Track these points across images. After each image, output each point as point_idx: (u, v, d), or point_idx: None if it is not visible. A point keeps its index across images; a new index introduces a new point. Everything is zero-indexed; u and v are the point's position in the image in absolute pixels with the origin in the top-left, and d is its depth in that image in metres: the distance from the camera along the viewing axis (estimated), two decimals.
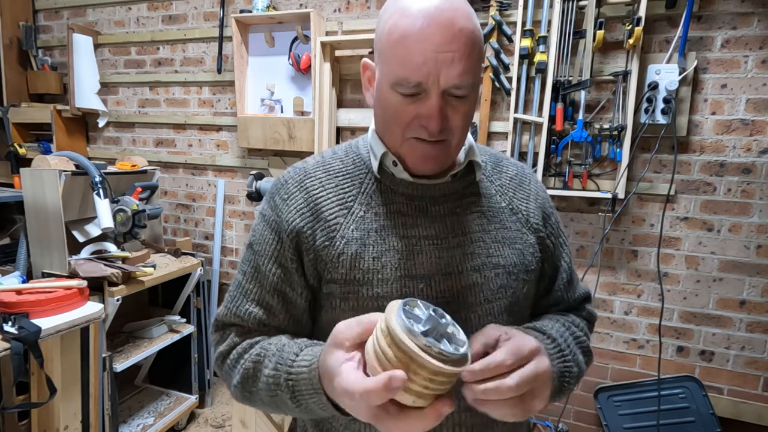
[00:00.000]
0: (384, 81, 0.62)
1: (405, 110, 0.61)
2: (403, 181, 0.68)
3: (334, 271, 0.65)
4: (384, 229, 0.66)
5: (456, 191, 0.70)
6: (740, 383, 1.90)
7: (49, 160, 1.86)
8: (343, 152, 0.74)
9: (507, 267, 0.67)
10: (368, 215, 0.67)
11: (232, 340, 0.69)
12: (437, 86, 0.58)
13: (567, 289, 0.77)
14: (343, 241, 0.65)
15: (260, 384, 0.64)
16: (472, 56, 0.58)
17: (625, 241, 1.99)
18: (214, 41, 2.54)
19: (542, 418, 2.12)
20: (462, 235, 0.67)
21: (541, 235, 0.74)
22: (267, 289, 0.68)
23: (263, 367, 0.63)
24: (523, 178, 0.78)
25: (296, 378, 0.58)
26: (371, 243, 0.65)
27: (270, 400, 0.63)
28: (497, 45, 1.98)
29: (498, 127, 2.09)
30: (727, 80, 1.79)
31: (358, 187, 0.69)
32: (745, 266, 1.84)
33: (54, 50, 2.97)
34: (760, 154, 1.78)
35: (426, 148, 0.62)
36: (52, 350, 1.53)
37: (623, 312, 2.03)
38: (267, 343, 0.66)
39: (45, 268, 1.87)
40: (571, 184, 1.96)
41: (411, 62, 0.57)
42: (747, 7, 1.73)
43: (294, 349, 0.62)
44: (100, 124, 2.88)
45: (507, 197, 0.74)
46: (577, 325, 0.73)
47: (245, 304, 0.69)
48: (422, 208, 0.68)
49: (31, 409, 1.57)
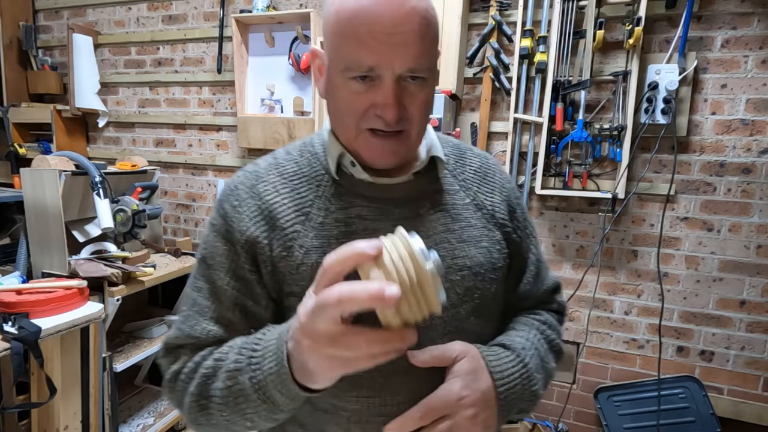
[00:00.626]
0: (334, 68, 0.57)
1: (358, 99, 0.56)
2: (362, 182, 0.63)
3: (294, 283, 0.60)
4: (345, 236, 0.61)
5: (419, 190, 0.65)
6: (740, 383, 1.90)
7: (49, 160, 1.85)
8: (298, 152, 0.69)
9: (473, 268, 0.63)
10: (328, 221, 0.62)
11: (187, 357, 0.62)
12: (391, 71, 0.54)
13: (535, 282, 0.74)
14: (303, 251, 0.60)
15: (219, 382, 0.56)
16: (427, 37, 0.55)
17: (625, 241, 1.99)
18: (214, 41, 2.54)
19: (542, 418, 2.12)
20: (426, 238, 0.62)
21: (507, 230, 0.69)
22: (226, 305, 0.62)
23: (225, 361, 0.57)
24: (487, 170, 0.73)
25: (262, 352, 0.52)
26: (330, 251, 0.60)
27: (229, 401, 0.55)
28: (497, 45, 1.98)
29: (498, 127, 2.09)
30: (727, 80, 1.79)
31: (315, 190, 0.64)
32: (745, 266, 1.84)
33: (54, 50, 2.97)
34: (760, 154, 1.78)
35: (383, 140, 0.58)
36: (52, 350, 1.53)
37: (623, 312, 2.03)
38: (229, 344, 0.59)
39: (45, 268, 1.87)
40: (571, 184, 1.96)
41: (362, 45, 0.53)
42: (747, 7, 1.73)
43: (261, 332, 0.56)
44: (100, 124, 2.87)
45: (471, 192, 0.69)
46: (549, 324, 0.73)
47: (201, 322, 0.62)
48: (385, 212, 0.63)
49: (31, 409, 1.57)
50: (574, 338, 2.11)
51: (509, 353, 0.62)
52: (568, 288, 2.08)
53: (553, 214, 2.08)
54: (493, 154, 2.13)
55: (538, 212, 2.09)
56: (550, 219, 2.08)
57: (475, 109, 2.13)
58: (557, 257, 2.10)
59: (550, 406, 2.16)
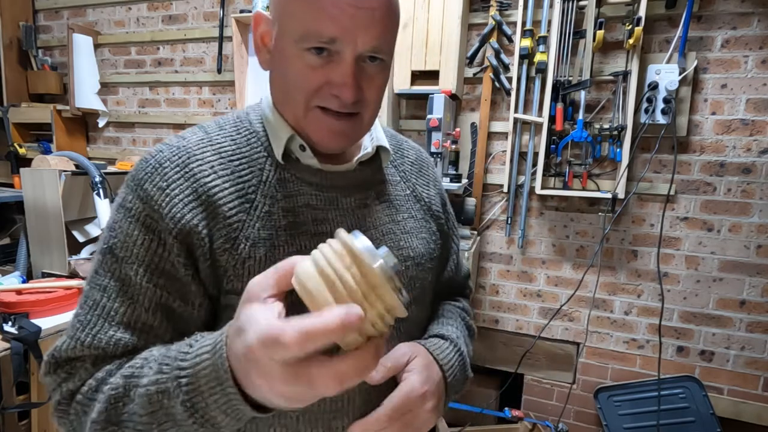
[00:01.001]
0: (287, 38, 0.52)
1: (312, 74, 0.52)
2: (309, 169, 0.59)
3: (237, 279, 0.53)
4: (294, 226, 0.56)
5: (365, 180, 0.63)
6: (740, 383, 1.90)
7: (49, 160, 1.86)
8: (233, 128, 0.60)
9: (416, 258, 0.64)
10: (275, 210, 0.56)
11: (85, 372, 0.51)
12: (353, 48, 0.51)
13: (456, 270, 0.80)
14: (249, 243, 0.54)
15: (134, 404, 0.46)
16: (391, 19, 0.53)
17: (625, 241, 1.99)
18: (214, 41, 2.54)
19: (542, 418, 2.12)
20: (373, 229, 0.61)
21: (441, 222, 0.72)
22: (144, 306, 0.52)
23: (140, 378, 0.46)
24: (423, 164, 0.74)
25: (194, 370, 0.42)
26: (281, 244, 0.55)
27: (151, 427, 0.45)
28: (497, 45, 1.98)
29: (498, 127, 2.09)
30: (727, 80, 1.79)
31: (258, 174, 0.57)
32: (745, 266, 1.84)
33: (54, 50, 2.97)
34: (760, 154, 1.78)
35: (334, 121, 0.54)
36: None
37: (623, 312, 2.03)
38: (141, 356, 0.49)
39: (45, 268, 1.87)
40: (571, 184, 1.96)
41: (324, 13, 0.49)
42: (747, 7, 1.73)
43: (185, 343, 0.45)
44: (100, 124, 2.87)
45: (410, 184, 0.70)
46: (467, 311, 0.78)
47: (107, 329, 0.51)
48: (332, 200, 0.60)
49: (31, 409, 1.57)
50: (574, 338, 2.12)
51: (448, 343, 0.64)
52: (568, 288, 2.08)
53: (553, 214, 2.08)
54: (493, 154, 2.13)
55: (538, 212, 2.09)
56: (550, 219, 2.08)
57: (475, 109, 2.13)
58: (557, 257, 2.10)
59: (550, 406, 2.16)
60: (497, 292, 2.21)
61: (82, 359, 0.52)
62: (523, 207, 2.06)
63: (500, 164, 2.12)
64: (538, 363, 2.17)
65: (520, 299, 2.18)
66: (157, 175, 0.53)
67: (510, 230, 2.12)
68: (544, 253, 2.11)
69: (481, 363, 2.23)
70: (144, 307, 0.52)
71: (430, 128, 1.75)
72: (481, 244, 2.19)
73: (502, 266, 2.19)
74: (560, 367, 2.15)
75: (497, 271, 2.20)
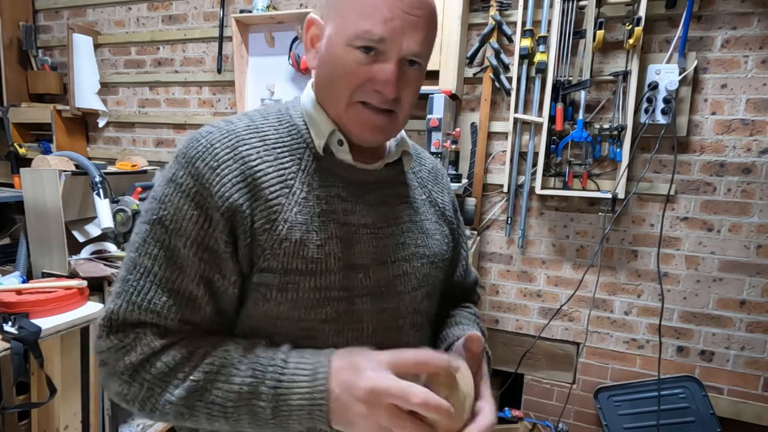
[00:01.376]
0: (338, 37, 0.57)
1: (359, 70, 0.57)
2: (342, 163, 0.63)
3: (273, 258, 0.57)
4: (325, 214, 0.60)
5: (387, 180, 0.68)
6: (740, 383, 1.90)
7: (49, 160, 1.85)
8: (276, 119, 0.65)
9: (430, 257, 0.69)
10: (311, 197, 0.60)
11: (150, 346, 0.55)
12: (398, 50, 0.56)
13: (465, 274, 0.84)
14: (287, 225, 0.57)
15: (214, 396, 0.53)
16: (433, 27, 0.59)
17: (625, 241, 1.99)
18: (214, 41, 2.54)
19: (542, 418, 2.12)
20: (394, 225, 0.66)
21: (453, 227, 0.78)
22: (191, 277, 0.56)
23: (227, 376, 0.54)
24: (438, 173, 0.80)
25: (290, 387, 0.52)
26: (314, 229, 0.59)
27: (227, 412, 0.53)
28: (497, 45, 1.98)
29: (498, 127, 2.09)
30: (727, 80, 1.79)
31: (297, 163, 0.61)
32: (745, 266, 1.84)
33: (54, 50, 2.97)
34: (760, 154, 1.78)
35: (374, 115, 0.59)
36: (52, 350, 1.53)
37: (623, 312, 2.03)
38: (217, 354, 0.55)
39: (45, 268, 1.87)
40: (571, 184, 1.96)
41: (377, 15, 0.54)
42: (747, 7, 1.73)
43: (278, 355, 0.55)
44: (100, 124, 2.87)
45: (426, 190, 0.75)
46: (478, 317, 0.83)
47: (160, 295, 0.55)
48: (359, 195, 0.64)
49: (31, 409, 1.57)
50: (574, 338, 2.12)
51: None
52: (569, 288, 2.08)
53: (553, 214, 2.08)
54: (493, 154, 2.13)
55: (538, 212, 2.09)
56: (550, 219, 2.08)
57: (475, 109, 2.13)
58: (557, 257, 2.10)
59: (550, 406, 2.16)
60: (497, 292, 2.21)
61: (141, 325, 0.56)
62: (523, 207, 2.06)
63: (500, 164, 2.12)
64: (538, 363, 2.17)
65: (520, 299, 2.18)
66: (209, 155, 0.57)
67: (510, 230, 2.13)
68: (544, 253, 2.11)
69: None
70: (190, 278, 0.56)
71: (430, 128, 1.75)
72: (481, 244, 2.19)
73: (502, 266, 2.19)
74: (560, 367, 2.15)
75: (497, 271, 2.20)
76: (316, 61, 0.62)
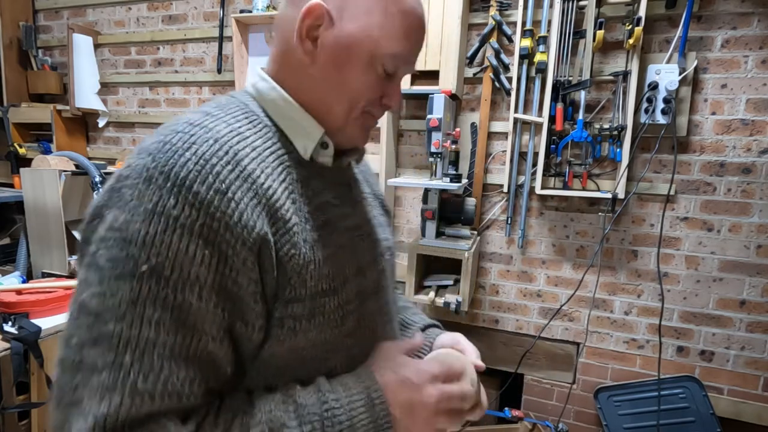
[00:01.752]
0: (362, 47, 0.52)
1: (376, 86, 0.56)
2: (322, 166, 0.58)
3: (301, 286, 0.49)
4: (328, 224, 0.55)
5: (349, 177, 0.67)
6: (740, 383, 1.90)
7: (49, 160, 1.86)
8: (246, 119, 0.53)
9: (391, 249, 0.73)
10: (312, 209, 0.54)
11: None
12: (410, 69, 0.60)
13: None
14: (307, 246, 0.51)
15: None
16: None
17: (625, 241, 1.99)
18: (214, 41, 2.54)
19: (542, 418, 2.12)
20: (369, 222, 0.66)
21: (389, 216, 0.81)
22: (211, 335, 0.45)
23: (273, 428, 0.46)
24: (368, 167, 0.81)
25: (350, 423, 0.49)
26: (328, 244, 0.54)
27: None
28: (497, 45, 1.98)
29: (498, 127, 2.09)
30: (727, 80, 1.79)
31: (289, 172, 0.53)
32: (745, 266, 1.84)
33: (54, 50, 2.97)
34: (760, 154, 1.78)
35: (372, 123, 0.61)
36: (52, 350, 1.53)
37: (623, 312, 2.03)
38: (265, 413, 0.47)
39: (45, 268, 1.87)
40: (571, 184, 1.96)
41: (410, 41, 0.56)
42: (747, 7, 1.73)
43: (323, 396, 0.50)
44: (100, 124, 2.87)
45: (369, 184, 0.76)
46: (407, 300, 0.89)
47: (176, 369, 0.42)
48: (343, 197, 0.61)
49: (31, 409, 1.57)
50: (574, 338, 2.12)
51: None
52: (569, 288, 2.08)
53: (553, 214, 2.08)
54: (493, 154, 2.13)
55: (538, 212, 2.09)
56: (550, 219, 2.08)
57: (475, 109, 2.13)
58: (557, 257, 2.10)
59: (550, 406, 2.16)
60: (497, 292, 2.21)
61: (154, 419, 0.41)
62: (523, 207, 2.06)
63: (500, 164, 2.12)
64: (538, 363, 2.17)
65: (520, 299, 2.18)
66: (208, 175, 0.44)
67: (510, 230, 2.13)
68: (544, 253, 2.11)
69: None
70: (211, 336, 0.44)
71: (430, 128, 1.75)
72: (481, 244, 2.19)
73: (502, 266, 2.19)
74: (560, 367, 2.15)
75: (497, 271, 2.20)
76: (310, 58, 0.53)
